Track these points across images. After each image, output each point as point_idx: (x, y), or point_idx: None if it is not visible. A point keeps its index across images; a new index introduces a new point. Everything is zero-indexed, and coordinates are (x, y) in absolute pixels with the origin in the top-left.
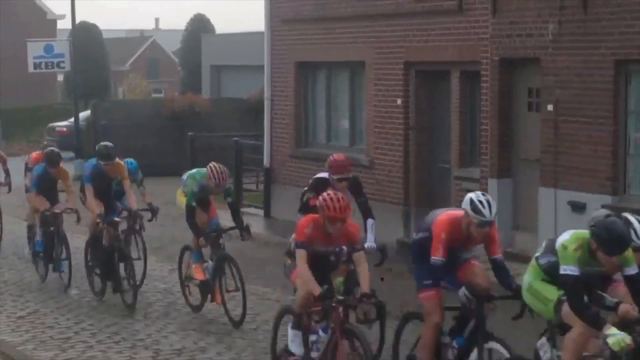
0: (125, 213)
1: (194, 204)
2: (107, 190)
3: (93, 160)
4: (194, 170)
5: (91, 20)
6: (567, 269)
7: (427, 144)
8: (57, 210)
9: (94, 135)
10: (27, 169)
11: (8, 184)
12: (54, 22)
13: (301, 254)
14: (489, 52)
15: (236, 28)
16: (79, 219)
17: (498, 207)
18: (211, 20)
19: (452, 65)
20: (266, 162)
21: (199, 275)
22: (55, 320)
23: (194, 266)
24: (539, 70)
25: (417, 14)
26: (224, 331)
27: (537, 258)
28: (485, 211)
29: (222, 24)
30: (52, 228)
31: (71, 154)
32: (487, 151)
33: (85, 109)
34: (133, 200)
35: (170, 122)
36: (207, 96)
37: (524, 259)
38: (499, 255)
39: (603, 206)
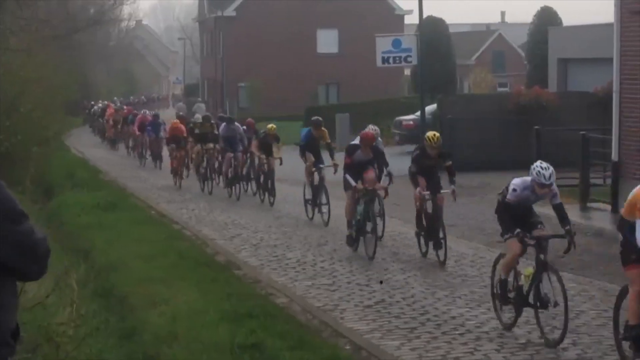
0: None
1: None
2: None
3: None
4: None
5: (438, 15)
6: None
7: None
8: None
9: (440, 129)
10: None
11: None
12: (401, 17)
13: None
14: None
15: (584, 20)
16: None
17: None
18: (558, 13)
19: None
20: (614, 156)
21: None
22: (401, 310)
23: None
24: None
25: None
26: (570, 327)
27: None
28: None
29: (570, 16)
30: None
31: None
32: None
33: (431, 103)
34: None
35: (516, 116)
36: (554, 90)
37: None
38: None
39: None
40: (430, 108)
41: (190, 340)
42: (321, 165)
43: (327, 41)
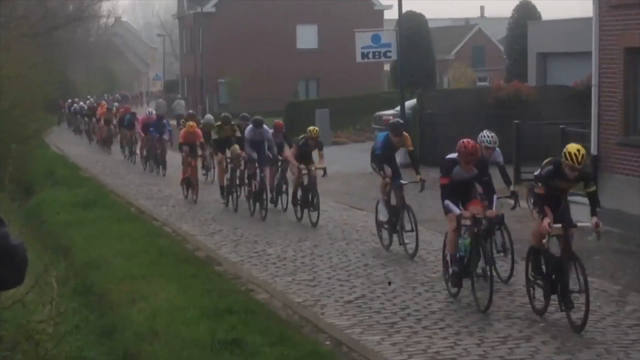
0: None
1: None
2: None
3: None
4: None
5: (417, 10)
6: None
7: None
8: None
9: (420, 124)
10: None
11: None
12: (380, 12)
13: None
14: None
15: (563, 14)
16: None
17: None
18: (537, 7)
19: None
20: (594, 150)
21: None
22: (381, 305)
23: None
24: None
25: None
26: (549, 320)
27: None
28: None
29: (549, 11)
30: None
31: None
32: None
33: (411, 98)
34: None
35: (495, 110)
36: (533, 84)
37: None
38: None
39: None
40: (410, 103)
41: (170, 336)
42: (402, 182)
43: (307, 37)
